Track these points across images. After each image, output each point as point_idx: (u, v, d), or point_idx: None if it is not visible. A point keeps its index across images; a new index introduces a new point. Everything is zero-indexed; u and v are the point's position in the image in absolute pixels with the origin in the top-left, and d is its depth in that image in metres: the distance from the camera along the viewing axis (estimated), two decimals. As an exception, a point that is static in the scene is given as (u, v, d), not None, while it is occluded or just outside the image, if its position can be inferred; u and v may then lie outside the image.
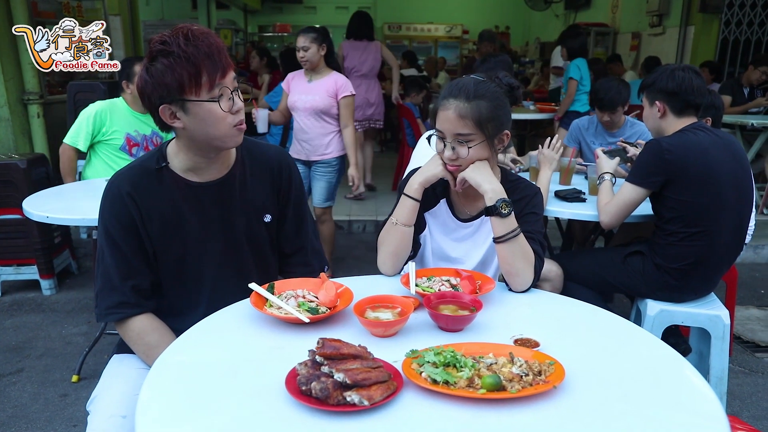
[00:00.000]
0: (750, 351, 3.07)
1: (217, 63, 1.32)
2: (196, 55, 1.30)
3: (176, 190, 1.47)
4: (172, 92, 1.32)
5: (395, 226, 1.61)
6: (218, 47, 1.34)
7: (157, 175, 1.47)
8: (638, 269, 2.35)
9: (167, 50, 1.30)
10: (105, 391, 1.45)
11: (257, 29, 15.94)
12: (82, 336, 3.11)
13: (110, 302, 1.46)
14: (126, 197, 1.43)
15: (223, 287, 1.54)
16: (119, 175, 1.48)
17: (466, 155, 1.54)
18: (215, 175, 1.51)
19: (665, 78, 2.27)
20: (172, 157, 1.48)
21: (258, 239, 1.59)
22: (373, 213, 5.17)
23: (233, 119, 1.38)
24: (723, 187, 2.16)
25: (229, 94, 1.37)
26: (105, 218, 1.46)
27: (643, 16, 8.36)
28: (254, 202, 1.56)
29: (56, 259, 3.73)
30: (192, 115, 1.35)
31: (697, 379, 1.12)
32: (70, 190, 2.95)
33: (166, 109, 1.36)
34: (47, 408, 2.49)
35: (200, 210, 1.50)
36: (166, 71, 1.30)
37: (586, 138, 3.47)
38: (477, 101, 1.53)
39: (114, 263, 1.45)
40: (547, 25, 13.42)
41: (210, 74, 1.32)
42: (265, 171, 1.59)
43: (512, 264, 1.51)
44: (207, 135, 1.38)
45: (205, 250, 1.52)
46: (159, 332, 1.47)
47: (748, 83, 5.75)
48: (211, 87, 1.33)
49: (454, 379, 1.04)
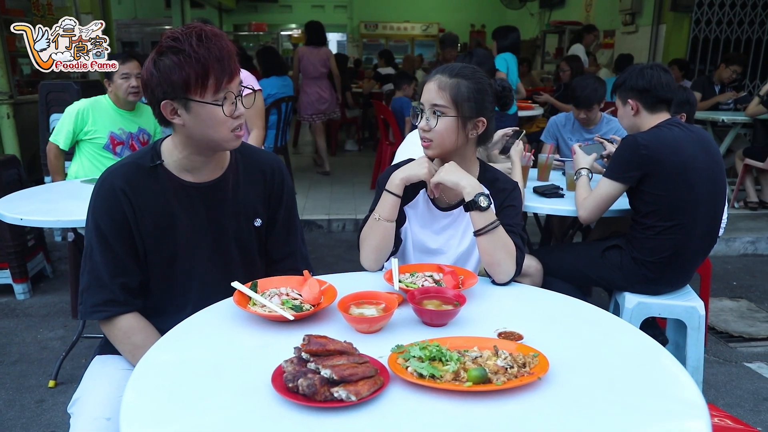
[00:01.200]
0: (724, 341, 3.14)
1: (226, 67, 1.33)
2: (207, 57, 1.30)
3: (170, 189, 1.46)
4: (176, 89, 1.33)
5: (378, 221, 1.61)
6: (229, 51, 1.34)
7: (151, 172, 1.45)
8: (616, 263, 2.39)
9: (178, 47, 1.30)
10: (88, 393, 1.42)
11: (232, 28, 15.80)
12: (59, 340, 3.05)
13: (97, 299, 1.43)
14: (119, 193, 1.41)
15: (210, 289, 1.52)
16: (112, 171, 1.46)
17: (435, 126, 1.58)
18: (209, 176, 1.50)
19: (635, 76, 2.32)
20: (166, 156, 1.47)
21: (247, 243, 1.58)
22: (353, 212, 5.17)
23: (232, 124, 1.38)
24: (698, 182, 2.21)
25: (233, 99, 1.37)
26: (96, 214, 1.43)
27: (617, 15, 8.49)
28: (246, 205, 1.56)
29: (30, 263, 3.65)
30: (193, 114, 1.36)
31: (677, 368, 1.14)
32: (43, 191, 2.89)
33: (168, 104, 1.36)
34: (23, 414, 2.44)
35: (192, 210, 1.49)
36: (174, 68, 1.31)
37: (563, 134, 3.52)
38: (459, 79, 1.59)
39: (103, 260, 1.42)
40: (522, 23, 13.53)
41: (218, 78, 1.32)
42: (258, 175, 1.58)
43: (493, 255, 1.53)
44: (205, 136, 1.39)
45: (195, 251, 1.51)
46: (145, 332, 1.45)
47: (719, 81, 5.88)
48: (216, 90, 1.34)
49: (440, 373, 1.05)
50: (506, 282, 1.55)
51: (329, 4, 16.02)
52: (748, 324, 3.33)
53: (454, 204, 1.72)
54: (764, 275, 4.13)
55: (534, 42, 12.32)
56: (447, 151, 1.62)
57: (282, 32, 15.47)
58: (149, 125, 3.23)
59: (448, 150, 1.62)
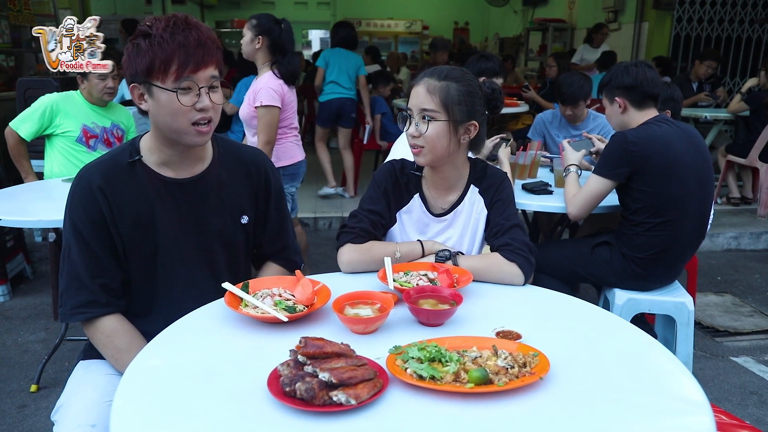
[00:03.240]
0: (710, 336, 3.17)
1: (191, 55, 1.30)
2: (171, 43, 1.28)
3: (149, 186, 1.42)
4: (141, 74, 1.32)
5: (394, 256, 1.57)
6: (200, 41, 1.31)
7: (129, 168, 1.41)
8: (606, 259, 2.40)
9: (147, 32, 1.30)
10: (71, 400, 1.38)
11: (215, 25, 15.61)
12: (40, 343, 2.98)
13: (77, 301, 1.38)
14: (96, 191, 1.37)
15: (194, 288, 1.48)
16: (89, 168, 1.41)
17: (425, 131, 1.54)
18: (190, 171, 1.46)
19: (620, 74, 2.33)
20: (145, 151, 1.43)
21: (233, 240, 1.55)
22: (339, 209, 5.14)
23: (194, 116, 1.34)
24: (686, 178, 2.22)
25: (196, 90, 1.33)
26: (73, 213, 1.39)
27: (599, 12, 8.56)
28: (231, 202, 1.52)
29: (9, 264, 3.56)
30: (155, 100, 1.34)
31: (676, 364, 1.14)
32: (23, 191, 2.81)
33: (135, 88, 1.36)
34: (4, 420, 2.37)
35: (174, 207, 1.44)
36: (140, 53, 1.30)
37: (551, 131, 3.52)
38: (448, 82, 1.55)
39: (82, 261, 1.38)
40: (505, 20, 13.61)
41: (180, 65, 1.29)
42: (242, 171, 1.54)
43: (489, 278, 1.55)
44: (165, 125, 1.36)
45: (177, 249, 1.46)
46: (129, 335, 1.41)
47: (696, 78, 5.95)
48: (177, 78, 1.31)
49: (440, 375, 1.03)
50: (524, 282, 1.54)
51: (312, 1, 15.92)
52: (733, 318, 3.36)
53: (448, 209, 1.70)
54: (747, 270, 4.18)
55: (518, 39, 12.38)
56: (439, 157, 1.59)
57: (265, 29, 15.32)
58: (122, 121, 3.16)
59: (439, 156, 1.59)
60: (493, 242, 1.63)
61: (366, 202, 1.69)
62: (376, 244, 1.63)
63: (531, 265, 1.54)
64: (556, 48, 9.45)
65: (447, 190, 1.69)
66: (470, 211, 1.69)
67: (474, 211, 1.69)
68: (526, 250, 1.55)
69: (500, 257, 1.55)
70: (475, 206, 1.69)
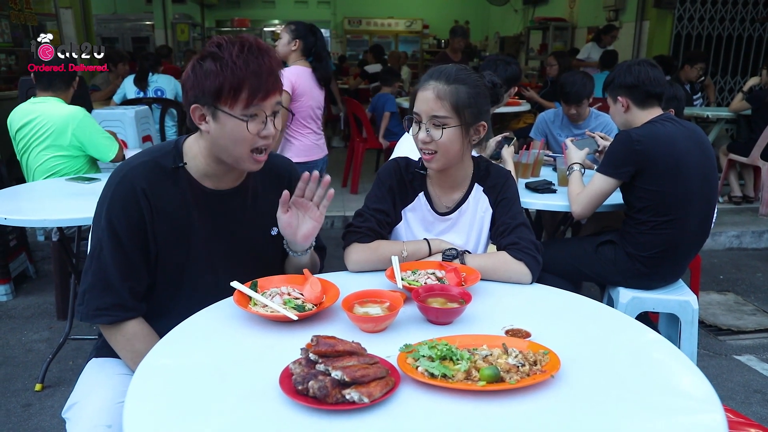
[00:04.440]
0: (713, 334, 3.18)
1: (262, 83, 1.29)
2: (244, 69, 1.27)
3: (190, 194, 1.41)
4: (207, 96, 1.30)
5: (401, 255, 1.57)
6: (270, 68, 1.30)
7: (173, 174, 1.40)
8: (610, 258, 2.40)
9: (218, 54, 1.28)
10: (85, 399, 1.36)
11: (215, 24, 15.61)
12: (44, 342, 2.98)
13: (102, 303, 1.36)
14: (140, 193, 1.35)
15: (215, 295, 1.45)
16: (133, 168, 1.39)
17: (439, 138, 1.53)
18: (230, 184, 1.46)
19: (623, 73, 2.34)
20: (190, 158, 1.42)
21: (261, 253, 1.54)
22: (341, 208, 5.14)
23: (256, 143, 1.34)
24: (691, 177, 2.22)
25: (263, 118, 1.33)
26: (112, 212, 1.36)
27: (600, 11, 8.56)
28: (264, 214, 1.51)
29: (12, 263, 3.55)
30: (220, 125, 1.32)
31: (686, 362, 1.14)
32: (26, 190, 2.81)
33: (197, 109, 1.33)
34: (9, 420, 2.37)
35: (210, 217, 1.44)
36: (210, 75, 1.28)
37: (553, 131, 3.52)
38: (457, 85, 1.53)
39: (113, 261, 1.36)
40: (506, 19, 13.61)
41: (251, 92, 1.28)
42: (275, 181, 1.53)
43: (496, 277, 1.55)
44: (225, 149, 1.35)
45: (207, 258, 1.46)
46: (148, 339, 1.39)
47: (687, 80, 5.95)
48: (247, 105, 1.30)
49: (451, 373, 1.03)
50: (532, 280, 1.54)
51: (312, 0, 15.92)
52: (735, 317, 3.37)
53: (453, 208, 1.70)
54: (750, 268, 4.19)
55: (518, 38, 12.38)
56: (451, 161, 1.59)
57: (265, 28, 15.32)
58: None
59: (452, 160, 1.58)
60: (500, 241, 1.63)
61: (371, 200, 1.69)
62: (383, 243, 1.64)
63: (538, 264, 1.55)
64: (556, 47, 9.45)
65: (451, 188, 1.69)
66: (475, 209, 1.69)
67: (479, 210, 1.69)
68: (534, 249, 1.55)
69: (508, 256, 1.55)
70: (479, 205, 1.69)
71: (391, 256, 1.53)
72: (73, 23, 6.48)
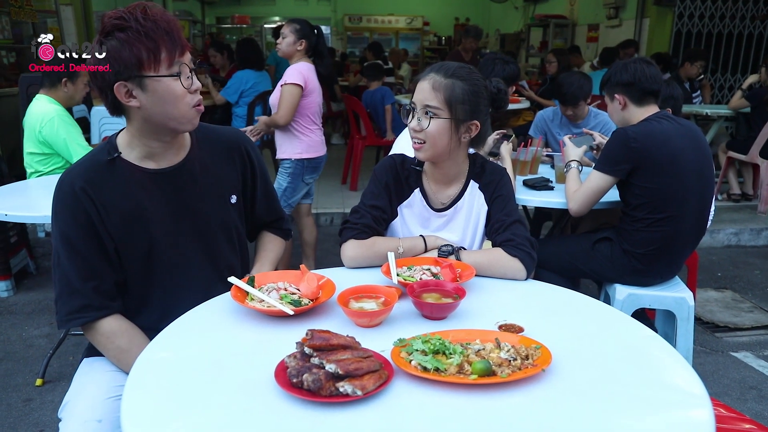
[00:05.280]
0: (710, 331, 3.19)
1: (176, 40, 1.30)
2: (155, 30, 1.26)
3: (133, 180, 1.40)
4: (129, 68, 1.26)
5: (397, 251, 1.59)
6: (176, 25, 1.31)
7: (110, 166, 1.38)
8: (606, 255, 2.41)
9: (124, 25, 1.25)
10: (77, 396, 1.38)
11: (215, 21, 15.60)
12: (44, 338, 3.00)
13: (71, 307, 1.36)
14: (80, 193, 1.34)
15: (191, 276, 1.48)
16: (69, 171, 1.39)
17: (427, 127, 1.56)
18: (172, 160, 1.45)
19: (619, 71, 2.36)
20: (124, 147, 1.41)
21: (225, 222, 1.54)
22: (341, 205, 5.15)
23: (192, 99, 1.35)
24: (687, 174, 2.23)
25: (188, 72, 1.34)
26: (59, 218, 1.36)
27: (600, 9, 8.55)
28: (217, 184, 1.52)
29: (13, 260, 3.58)
30: (150, 92, 1.30)
31: (677, 358, 1.15)
32: (26, 187, 2.83)
33: (122, 86, 1.29)
34: (10, 414, 2.39)
35: (161, 198, 1.43)
36: (124, 46, 1.25)
37: (552, 129, 3.53)
38: (454, 80, 1.55)
39: (72, 265, 1.36)
40: (506, 16, 13.59)
41: (169, 50, 1.28)
42: (224, 152, 1.54)
43: (492, 273, 1.57)
44: (165, 114, 1.33)
45: (172, 239, 1.45)
46: (129, 334, 1.41)
47: (686, 77, 5.96)
48: (170, 63, 1.30)
49: (444, 366, 1.04)
50: (527, 276, 1.55)
51: (313, -2, 15.91)
52: (733, 314, 3.38)
53: (448, 204, 1.71)
54: (747, 266, 4.20)
55: (518, 35, 12.37)
56: (439, 153, 1.60)
57: (266, 25, 15.31)
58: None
59: (440, 153, 1.60)
60: (495, 238, 1.64)
61: (367, 197, 1.70)
62: (380, 239, 1.65)
63: (533, 260, 1.56)
64: (556, 44, 9.45)
65: (447, 184, 1.71)
66: (471, 206, 1.71)
67: (474, 207, 1.71)
68: (528, 246, 1.56)
69: (503, 252, 1.57)
70: (475, 202, 1.71)
71: (387, 252, 1.54)
72: (74, 20, 6.48)
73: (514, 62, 3.06)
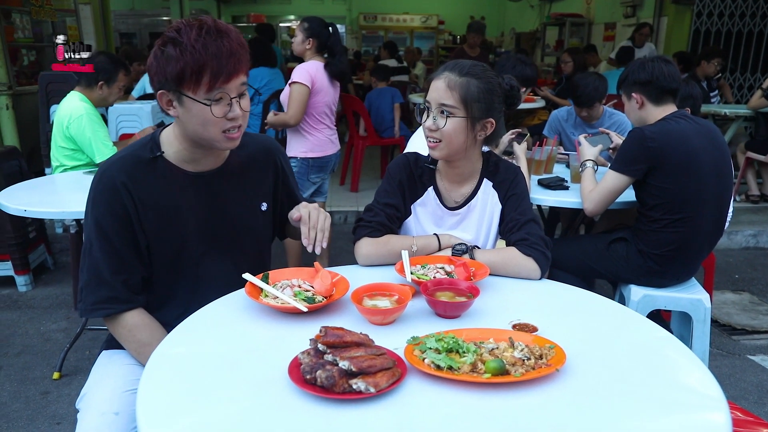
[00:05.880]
0: (727, 334, 3.15)
1: (223, 66, 1.28)
2: (203, 54, 1.26)
3: (172, 180, 1.43)
4: (170, 82, 1.30)
5: (411, 250, 1.59)
6: (230, 50, 1.29)
7: (151, 164, 1.42)
8: (622, 255, 2.39)
9: (177, 39, 1.27)
10: (95, 389, 1.41)
11: (231, 20, 15.68)
12: (62, 332, 3.04)
13: (98, 297, 1.40)
14: (120, 187, 1.38)
15: (215, 277, 1.50)
16: (111, 164, 1.42)
17: (443, 126, 1.55)
18: (211, 165, 1.48)
19: (637, 70, 2.33)
20: (166, 146, 1.45)
21: (254, 229, 1.57)
22: (354, 203, 5.16)
23: (225, 125, 1.34)
24: (704, 175, 2.21)
25: (228, 101, 1.33)
26: (96, 209, 1.39)
27: (618, 7, 8.47)
28: (250, 191, 1.55)
29: (31, 255, 3.63)
30: (186, 108, 1.33)
31: (692, 359, 1.14)
32: (45, 183, 2.87)
33: (163, 95, 1.34)
34: (28, 406, 2.43)
35: (196, 200, 1.47)
36: (171, 60, 1.27)
37: (566, 129, 3.50)
38: (469, 78, 1.55)
39: (103, 257, 1.39)
40: (522, 15, 13.52)
41: (213, 75, 1.28)
42: (259, 159, 1.57)
43: (510, 274, 1.56)
44: (195, 132, 1.36)
45: (202, 241, 1.49)
46: (150, 329, 1.43)
47: (704, 76, 5.88)
48: (210, 88, 1.29)
49: (457, 365, 1.04)
50: (541, 276, 1.54)
51: (328, -4, 15.94)
52: (750, 317, 3.34)
53: (462, 203, 1.71)
54: (766, 268, 4.14)
55: (534, 34, 12.30)
56: (455, 152, 1.60)
57: (281, 24, 15.38)
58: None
59: (455, 151, 1.60)
60: (509, 237, 1.64)
61: (381, 195, 1.71)
62: (393, 237, 1.65)
63: (547, 260, 1.55)
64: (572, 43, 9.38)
65: (460, 183, 1.70)
66: (484, 205, 1.70)
67: (488, 205, 1.70)
68: (543, 245, 1.55)
69: (517, 252, 1.56)
70: (489, 200, 1.70)
71: (400, 250, 1.54)
72: (92, 19, 6.56)
73: (531, 64, 3.04)
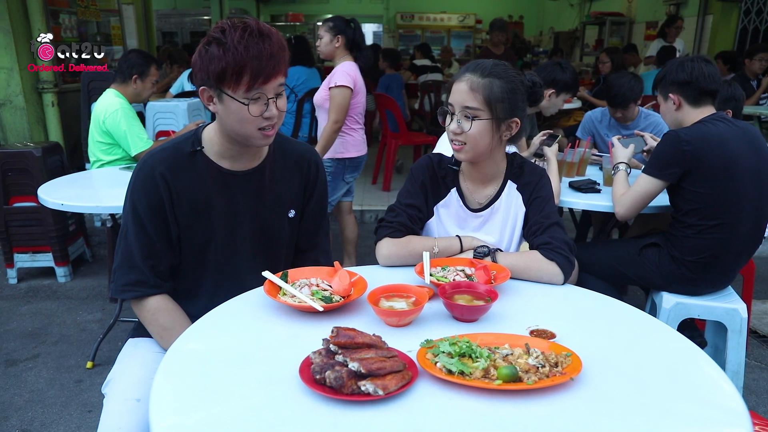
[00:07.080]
0: (766, 345, 3.03)
1: (263, 68, 1.33)
2: (245, 55, 1.31)
3: (208, 175, 1.49)
4: (212, 79, 1.35)
5: (433, 251, 1.58)
6: (270, 52, 1.33)
7: (190, 158, 1.48)
8: (654, 261, 2.32)
9: (221, 39, 1.32)
10: (120, 375, 1.46)
11: (269, 19, 15.89)
12: (97, 323, 3.14)
13: (128, 279, 1.47)
14: (158, 177, 1.45)
15: (238, 276, 1.54)
16: (153, 154, 1.49)
17: (468, 129, 1.54)
18: (247, 164, 1.52)
19: (675, 69, 2.25)
20: (207, 142, 1.50)
21: (279, 234, 1.60)
22: (386, 203, 5.16)
23: (261, 123, 1.39)
24: (742, 179, 2.12)
25: (265, 100, 1.37)
26: (134, 196, 1.47)
27: (660, 6, 8.24)
28: (282, 196, 1.58)
29: (71, 247, 3.76)
30: (225, 105, 1.38)
31: (717, 372, 1.10)
32: (85, 178, 2.97)
33: (205, 91, 1.40)
34: (63, 393, 2.52)
35: (229, 197, 1.51)
36: (213, 59, 1.32)
37: (600, 130, 3.42)
38: (491, 79, 1.53)
39: (137, 242, 1.46)
40: (561, 14, 13.28)
41: (253, 76, 1.33)
42: (295, 166, 1.60)
43: (532, 278, 1.54)
44: (233, 129, 1.41)
45: (229, 238, 1.53)
46: (173, 314, 1.49)
47: (752, 75, 5.66)
48: (249, 88, 1.34)
49: (469, 370, 1.03)
50: (564, 281, 1.52)
51: (366, -5, 15.98)
52: (792, 328, 3.19)
53: (485, 204, 1.69)
54: (811, 278, 3.95)
55: (573, 33, 12.07)
56: (480, 154, 1.59)
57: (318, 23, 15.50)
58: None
59: (481, 153, 1.59)
60: (533, 240, 1.61)
61: (403, 195, 1.70)
62: (415, 238, 1.65)
63: (571, 265, 1.52)
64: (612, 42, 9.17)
65: (484, 184, 1.69)
66: (508, 207, 1.68)
67: (512, 208, 1.68)
68: (566, 249, 1.52)
69: (540, 255, 1.53)
70: (513, 203, 1.68)
71: (422, 251, 1.53)
72: (134, 18, 6.74)
73: (571, 71, 2.98)
